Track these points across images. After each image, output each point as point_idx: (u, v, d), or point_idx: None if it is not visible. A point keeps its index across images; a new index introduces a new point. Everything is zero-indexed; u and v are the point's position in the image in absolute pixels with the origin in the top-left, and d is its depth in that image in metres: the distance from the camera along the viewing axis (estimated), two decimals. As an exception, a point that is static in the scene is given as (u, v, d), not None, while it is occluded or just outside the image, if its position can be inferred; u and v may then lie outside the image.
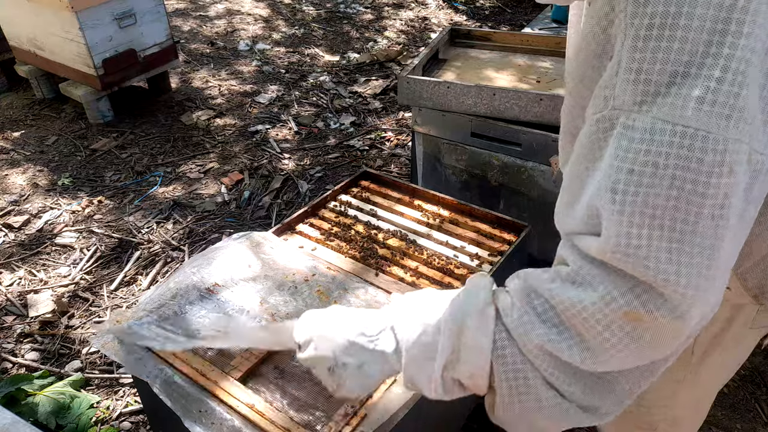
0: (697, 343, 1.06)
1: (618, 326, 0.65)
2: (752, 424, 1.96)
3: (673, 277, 0.62)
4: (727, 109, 0.57)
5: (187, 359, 1.16)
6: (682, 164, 0.59)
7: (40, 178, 3.19)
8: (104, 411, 1.98)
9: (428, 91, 2.02)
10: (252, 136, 3.59)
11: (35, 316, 2.34)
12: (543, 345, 0.70)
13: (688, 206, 0.60)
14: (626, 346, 0.66)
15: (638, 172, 0.61)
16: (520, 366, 0.73)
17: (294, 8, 5.58)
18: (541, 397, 0.73)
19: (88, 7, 3.23)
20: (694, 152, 0.58)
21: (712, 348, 1.08)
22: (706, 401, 1.31)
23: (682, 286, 0.62)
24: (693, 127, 0.58)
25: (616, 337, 0.66)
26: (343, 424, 1.03)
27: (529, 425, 0.77)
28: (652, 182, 0.60)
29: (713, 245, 0.61)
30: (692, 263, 0.61)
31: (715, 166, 0.58)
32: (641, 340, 0.65)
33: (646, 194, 0.61)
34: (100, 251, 2.67)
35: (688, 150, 0.58)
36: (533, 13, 5.38)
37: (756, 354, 2.19)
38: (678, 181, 0.59)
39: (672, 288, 0.62)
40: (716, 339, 1.07)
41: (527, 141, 1.93)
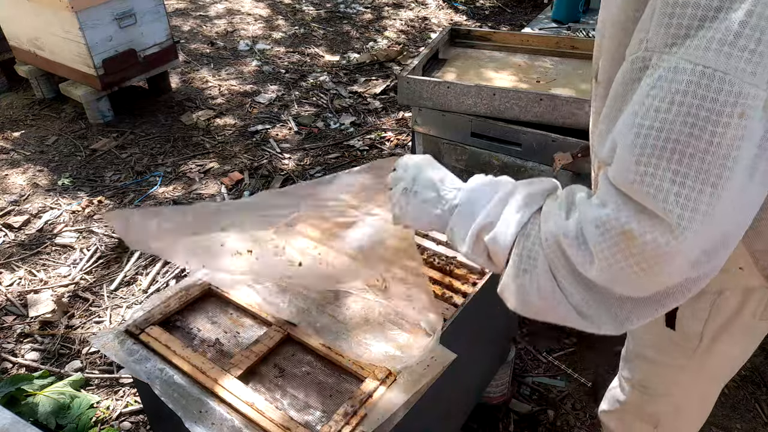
0: (706, 328, 1.07)
1: (614, 242, 0.70)
2: (752, 424, 1.96)
3: (672, 206, 0.65)
4: (746, 53, 0.60)
5: (188, 357, 1.16)
6: (697, 102, 0.62)
7: (40, 178, 3.19)
8: (104, 411, 1.98)
9: (428, 91, 2.02)
10: (252, 136, 3.59)
11: (35, 316, 2.34)
12: (558, 238, 0.76)
13: (698, 142, 0.63)
14: (620, 264, 0.70)
15: (656, 108, 0.65)
16: (536, 248, 0.79)
17: (294, 8, 5.58)
18: (541, 284, 0.79)
19: (88, 7, 3.23)
20: (710, 92, 0.62)
21: (720, 335, 1.08)
22: (710, 395, 1.30)
23: (678, 216, 0.65)
24: (712, 67, 0.61)
25: (611, 252, 0.70)
26: (343, 423, 1.03)
27: (524, 303, 0.83)
28: (667, 117, 0.64)
29: (716, 183, 0.64)
30: (693, 196, 0.65)
31: (727, 106, 0.61)
32: (632, 260, 0.69)
33: (660, 128, 0.65)
34: (100, 251, 2.67)
35: (705, 89, 0.62)
36: (533, 13, 5.38)
37: (756, 354, 2.18)
38: (691, 118, 0.63)
39: (670, 215, 0.66)
40: (725, 326, 1.07)
41: (527, 141, 1.93)
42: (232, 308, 1.33)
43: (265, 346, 1.20)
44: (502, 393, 1.89)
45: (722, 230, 0.68)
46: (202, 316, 1.31)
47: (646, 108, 0.66)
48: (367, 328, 1.23)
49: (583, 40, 2.36)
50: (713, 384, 1.26)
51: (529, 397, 2.05)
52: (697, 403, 1.30)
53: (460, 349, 1.19)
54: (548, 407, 2.01)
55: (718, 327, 1.07)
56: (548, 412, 2.00)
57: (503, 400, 1.93)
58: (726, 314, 1.05)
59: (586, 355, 2.20)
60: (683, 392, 1.23)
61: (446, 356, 1.15)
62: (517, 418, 1.97)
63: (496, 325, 1.65)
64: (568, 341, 2.25)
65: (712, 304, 1.03)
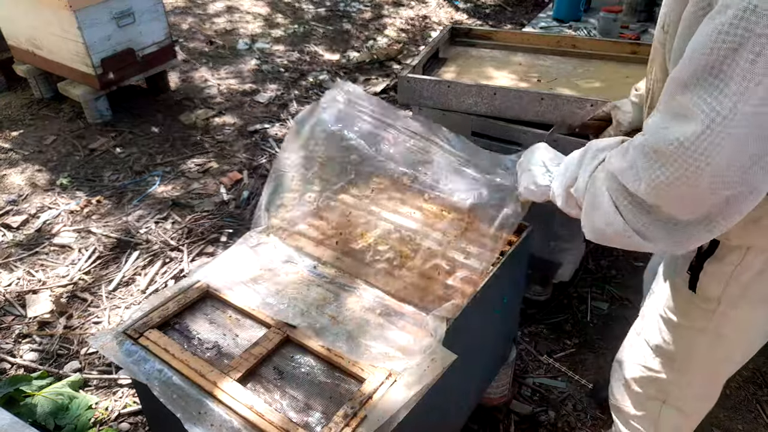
0: (725, 292, 1.12)
1: (651, 158, 0.86)
2: (754, 425, 1.96)
3: (702, 107, 0.79)
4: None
5: (186, 360, 1.15)
6: (741, 32, 0.74)
7: (39, 177, 3.18)
8: (103, 412, 1.97)
9: (428, 90, 2.01)
10: (251, 136, 3.58)
11: (34, 317, 2.33)
12: (616, 172, 0.93)
13: (733, 60, 0.76)
14: (659, 177, 0.84)
15: (708, 33, 0.78)
16: (602, 187, 0.98)
17: (293, 6, 5.56)
18: (608, 216, 0.96)
19: (86, 6, 3.22)
20: (751, 24, 0.73)
21: (739, 301, 1.11)
22: (720, 374, 1.30)
23: (705, 114, 0.78)
24: (754, 3, 0.74)
25: (650, 165, 0.86)
26: (343, 425, 1.02)
27: (598, 233, 1.02)
28: (710, 39, 0.77)
29: (743, 94, 0.75)
30: (719, 101, 0.77)
31: (763, 37, 0.73)
32: (669, 169, 0.83)
33: (703, 46, 0.78)
34: (99, 251, 2.66)
35: (747, 22, 0.74)
36: (534, 12, 5.37)
37: (758, 355, 2.18)
38: (729, 40, 0.75)
39: (700, 113, 0.79)
40: (744, 292, 1.10)
41: (528, 140, 1.92)
42: (231, 310, 1.32)
43: (265, 348, 1.19)
44: (502, 394, 1.88)
45: (747, 147, 0.78)
46: (201, 319, 1.30)
47: (701, 35, 0.79)
48: (367, 329, 1.22)
49: (584, 39, 2.35)
50: (724, 361, 1.26)
51: (530, 398, 2.04)
52: (706, 378, 1.30)
53: (461, 349, 1.18)
54: (549, 408, 2.00)
55: (738, 292, 1.10)
56: (549, 413, 1.99)
57: (504, 401, 1.92)
58: (747, 277, 1.08)
59: (587, 356, 2.19)
60: (696, 361, 1.24)
61: (447, 357, 1.15)
62: (518, 419, 1.96)
63: (496, 325, 1.64)
64: (569, 342, 2.24)
65: (736, 266, 1.08)
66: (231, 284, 1.34)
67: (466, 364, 1.31)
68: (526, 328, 2.28)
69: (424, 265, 1.41)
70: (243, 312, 1.30)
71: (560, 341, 2.24)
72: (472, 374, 1.60)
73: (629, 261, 2.60)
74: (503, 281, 1.45)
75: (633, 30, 3.33)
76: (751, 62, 0.74)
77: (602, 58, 2.28)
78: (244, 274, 1.37)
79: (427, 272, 1.39)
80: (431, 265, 1.42)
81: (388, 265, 1.42)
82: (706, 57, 0.78)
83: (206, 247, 2.70)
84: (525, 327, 2.29)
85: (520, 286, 1.77)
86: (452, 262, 1.42)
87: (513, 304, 1.74)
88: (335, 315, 1.26)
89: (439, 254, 1.46)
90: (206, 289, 1.35)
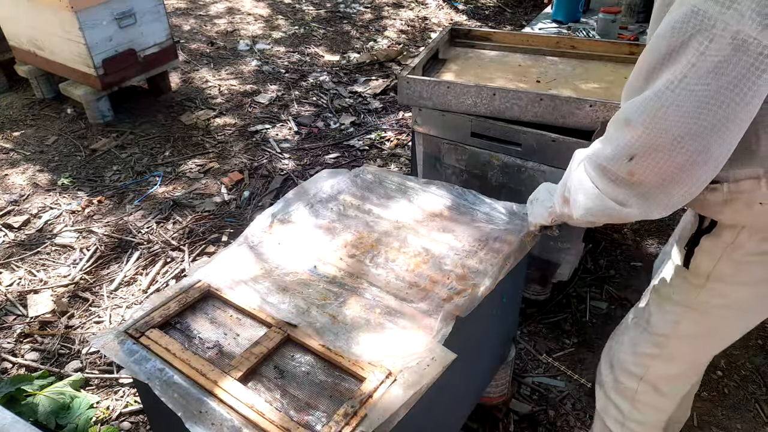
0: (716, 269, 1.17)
1: (618, 125, 0.99)
2: (752, 424, 1.96)
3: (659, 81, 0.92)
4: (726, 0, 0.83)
5: (187, 360, 1.16)
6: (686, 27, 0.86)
7: (40, 177, 3.19)
8: (104, 411, 1.98)
9: (428, 91, 2.02)
10: (252, 136, 3.59)
11: (35, 316, 2.34)
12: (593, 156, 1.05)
13: (677, 55, 0.88)
14: (625, 139, 0.96)
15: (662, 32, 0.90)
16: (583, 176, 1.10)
17: (294, 8, 5.57)
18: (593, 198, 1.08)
19: (87, 6, 3.23)
20: (695, 22, 0.85)
21: (728, 279, 1.16)
22: (702, 355, 1.34)
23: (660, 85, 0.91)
24: (698, 6, 0.85)
25: (619, 131, 0.98)
26: (343, 423, 1.03)
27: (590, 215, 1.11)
28: (664, 36, 0.90)
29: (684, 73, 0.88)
30: (668, 76, 0.90)
31: (705, 32, 0.84)
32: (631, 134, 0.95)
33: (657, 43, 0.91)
34: (100, 251, 2.67)
35: (692, 20, 0.85)
36: (533, 13, 5.38)
37: (756, 354, 2.19)
38: (681, 35, 0.87)
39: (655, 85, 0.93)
40: (735, 270, 1.14)
41: (527, 141, 1.93)
42: (232, 309, 1.33)
43: (265, 347, 1.20)
44: (502, 393, 1.89)
45: (699, 115, 0.88)
46: (202, 318, 1.31)
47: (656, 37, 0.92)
48: (367, 328, 1.23)
49: (583, 40, 2.36)
50: (707, 339, 1.29)
51: (529, 398, 2.05)
52: (686, 357, 1.33)
53: (460, 349, 1.19)
54: (548, 407, 2.01)
55: (728, 270, 1.15)
56: (548, 412, 2.00)
57: (503, 400, 1.93)
58: (739, 255, 1.12)
59: (586, 355, 2.20)
60: (679, 337, 1.28)
61: (446, 356, 1.15)
62: (517, 418, 1.97)
63: (496, 325, 1.65)
64: (568, 342, 2.25)
65: (729, 244, 1.12)
66: (232, 284, 1.34)
67: (465, 364, 1.32)
68: (525, 328, 2.29)
69: (426, 266, 1.42)
70: (244, 311, 1.31)
71: (559, 340, 2.25)
72: (471, 373, 1.61)
73: (628, 261, 2.61)
74: (502, 281, 1.46)
75: (631, 31, 3.34)
76: (700, 46, 0.86)
77: (601, 58, 2.29)
78: (245, 274, 1.38)
79: (428, 272, 1.40)
80: (433, 266, 1.42)
81: (390, 265, 1.42)
82: (666, 41, 0.90)
83: (207, 247, 2.71)
84: (524, 326, 2.29)
85: (519, 285, 1.78)
86: (456, 265, 1.43)
87: (512, 303, 1.75)
88: (336, 314, 1.27)
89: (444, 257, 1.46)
90: (207, 288, 1.35)
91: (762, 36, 0.82)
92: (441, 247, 1.48)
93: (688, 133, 0.90)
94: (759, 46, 0.82)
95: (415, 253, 1.46)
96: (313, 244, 1.49)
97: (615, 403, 1.45)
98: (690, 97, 0.88)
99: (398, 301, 1.31)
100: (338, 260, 1.44)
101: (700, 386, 2.07)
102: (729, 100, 0.87)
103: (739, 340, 1.30)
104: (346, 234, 1.53)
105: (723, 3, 0.83)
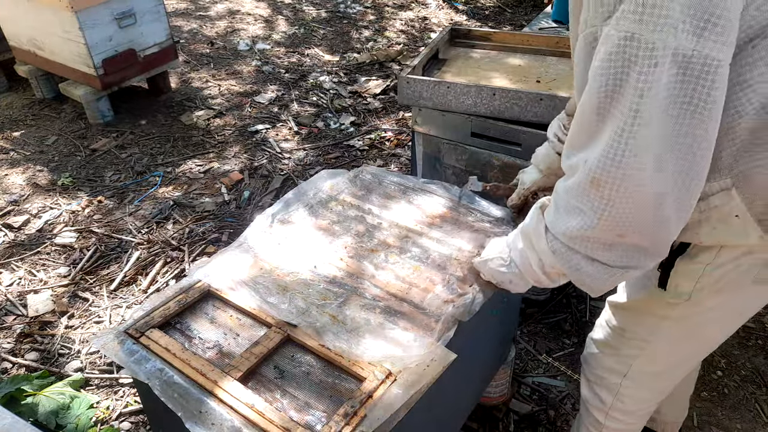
0: (696, 288, 1.13)
1: (584, 191, 0.93)
2: (752, 424, 1.96)
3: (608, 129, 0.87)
4: (654, 17, 0.78)
5: (187, 360, 1.16)
6: (623, 56, 0.82)
7: (40, 178, 3.19)
8: (104, 411, 1.98)
9: (428, 91, 2.02)
10: (252, 136, 3.59)
11: (35, 316, 2.34)
12: (568, 231, 0.98)
13: (621, 89, 0.83)
14: (600, 203, 0.91)
15: (598, 68, 0.85)
16: (570, 254, 1.01)
17: (294, 8, 5.57)
18: (590, 271, 1.00)
19: (87, 6, 3.23)
20: (631, 48, 0.81)
21: (710, 291, 1.12)
22: (684, 357, 1.33)
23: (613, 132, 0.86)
24: (631, 31, 0.80)
25: (590, 197, 0.92)
26: (343, 423, 1.03)
27: (592, 289, 1.05)
28: (602, 74, 0.85)
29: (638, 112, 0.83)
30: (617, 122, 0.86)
31: (646, 59, 0.80)
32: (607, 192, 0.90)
33: (597, 82, 0.86)
34: (100, 251, 2.67)
35: (626, 48, 0.81)
36: (533, 13, 5.38)
37: (756, 354, 2.19)
38: (619, 73, 0.83)
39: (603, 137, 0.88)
40: (716, 284, 1.11)
41: (527, 141, 1.93)
42: (232, 309, 1.33)
43: (265, 347, 1.20)
44: (502, 393, 1.89)
45: (655, 149, 0.83)
46: (202, 318, 1.31)
47: (592, 72, 0.87)
48: (367, 328, 1.23)
49: (583, 40, 2.35)
50: (689, 344, 1.27)
51: (529, 398, 2.05)
52: (671, 359, 1.32)
53: (460, 349, 1.19)
54: (548, 407, 2.01)
55: (710, 286, 1.12)
56: (548, 412, 2.00)
57: (503, 400, 1.93)
58: (719, 273, 1.09)
59: (586, 355, 2.20)
60: (660, 340, 1.27)
61: (446, 356, 1.15)
62: (517, 418, 1.97)
63: (496, 325, 1.65)
64: (568, 341, 2.25)
65: (707, 264, 1.09)
66: (232, 284, 1.34)
67: (465, 364, 1.32)
68: (525, 328, 2.29)
69: (426, 266, 1.42)
70: (244, 311, 1.31)
71: (559, 340, 2.25)
72: (471, 373, 1.61)
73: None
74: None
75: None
76: (641, 74, 0.81)
77: (601, 59, 2.29)
78: (245, 274, 1.38)
79: (428, 273, 1.40)
80: (433, 266, 1.42)
81: (390, 265, 1.42)
82: (605, 77, 0.85)
83: (207, 247, 2.71)
84: (524, 326, 2.29)
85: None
86: (457, 266, 1.43)
87: (512, 303, 1.75)
88: (336, 314, 1.26)
89: (444, 257, 1.46)
90: (207, 288, 1.35)
91: (700, 46, 0.77)
92: (441, 248, 1.48)
93: (665, 174, 0.85)
94: (700, 57, 0.78)
95: (414, 254, 1.46)
96: (313, 244, 1.49)
97: (599, 395, 1.45)
98: (653, 132, 0.82)
99: (398, 301, 1.31)
100: (338, 260, 1.44)
101: (700, 386, 2.07)
102: (694, 123, 0.82)
103: (739, 340, 1.30)
104: (346, 234, 1.53)
105: (654, 22, 0.78)
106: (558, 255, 1.03)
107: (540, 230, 1.07)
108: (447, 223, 1.58)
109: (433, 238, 1.51)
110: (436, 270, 1.41)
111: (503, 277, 1.23)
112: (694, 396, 2.04)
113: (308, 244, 1.49)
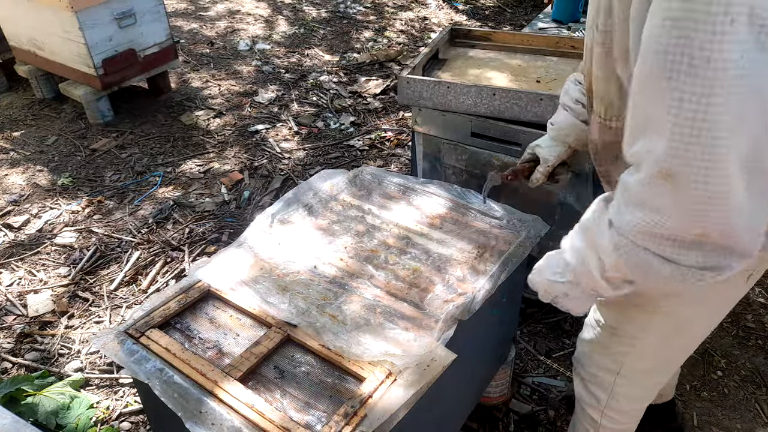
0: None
1: (656, 182, 0.79)
2: (752, 424, 1.96)
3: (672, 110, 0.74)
4: None
5: (187, 360, 1.16)
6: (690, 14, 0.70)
7: (40, 178, 3.19)
8: (104, 411, 1.98)
9: (428, 91, 2.02)
10: (252, 136, 3.59)
11: (35, 316, 2.34)
12: (637, 226, 0.84)
13: (691, 49, 0.71)
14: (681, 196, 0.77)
15: (659, 24, 0.73)
16: (637, 252, 0.86)
17: (294, 8, 5.57)
18: (661, 271, 0.85)
19: (87, 6, 3.23)
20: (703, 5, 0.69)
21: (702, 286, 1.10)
22: (675, 351, 1.33)
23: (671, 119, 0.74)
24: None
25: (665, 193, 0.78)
26: (343, 423, 1.03)
27: (662, 293, 1.01)
28: (665, 32, 0.73)
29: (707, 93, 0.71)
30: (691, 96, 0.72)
31: (719, 15, 0.68)
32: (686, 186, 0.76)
33: (659, 35, 0.74)
34: (100, 251, 2.67)
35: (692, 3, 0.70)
36: (533, 13, 5.38)
37: (756, 354, 2.19)
38: (686, 28, 0.71)
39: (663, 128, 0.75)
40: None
41: (527, 141, 1.92)
42: (232, 309, 1.33)
43: (265, 347, 1.20)
44: (502, 393, 1.89)
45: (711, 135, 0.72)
46: (202, 318, 1.31)
47: (653, 27, 0.75)
48: (367, 328, 1.23)
49: (582, 40, 2.35)
50: (678, 338, 1.27)
51: (529, 398, 2.05)
52: (661, 355, 1.32)
53: (460, 349, 1.19)
54: (548, 407, 2.01)
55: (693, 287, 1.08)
56: (548, 412, 2.00)
57: (503, 400, 1.93)
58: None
59: (586, 355, 2.20)
60: (650, 336, 1.27)
61: (446, 356, 1.15)
62: (517, 418, 1.97)
63: (496, 325, 1.65)
64: (568, 342, 2.25)
65: None
66: (232, 284, 1.34)
67: (465, 364, 1.32)
68: (525, 328, 2.29)
69: (426, 266, 1.42)
70: (244, 311, 1.31)
71: (559, 340, 2.25)
72: (471, 373, 1.61)
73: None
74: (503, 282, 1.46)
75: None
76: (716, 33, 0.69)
77: (601, 59, 2.29)
78: (245, 274, 1.38)
79: (428, 273, 1.40)
80: (433, 266, 1.42)
81: (390, 265, 1.42)
82: (665, 39, 0.73)
83: (207, 247, 2.71)
84: (524, 326, 2.29)
85: (519, 286, 1.78)
86: (456, 266, 1.43)
87: (512, 303, 1.75)
88: (336, 314, 1.27)
89: (444, 258, 1.46)
90: (207, 288, 1.35)
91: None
92: (441, 248, 1.48)
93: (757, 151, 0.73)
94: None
95: (414, 254, 1.46)
96: (313, 244, 1.49)
97: (594, 394, 1.45)
98: (733, 104, 0.71)
99: (398, 301, 1.31)
100: (338, 260, 1.44)
101: (700, 386, 2.07)
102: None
103: (739, 340, 1.30)
104: (346, 234, 1.53)
105: None
106: (623, 252, 0.88)
107: (602, 225, 0.93)
108: (447, 223, 1.58)
109: (433, 238, 1.51)
110: (435, 270, 1.41)
111: (557, 289, 1.10)
112: (694, 396, 2.04)
113: (308, 244, 1.49)
